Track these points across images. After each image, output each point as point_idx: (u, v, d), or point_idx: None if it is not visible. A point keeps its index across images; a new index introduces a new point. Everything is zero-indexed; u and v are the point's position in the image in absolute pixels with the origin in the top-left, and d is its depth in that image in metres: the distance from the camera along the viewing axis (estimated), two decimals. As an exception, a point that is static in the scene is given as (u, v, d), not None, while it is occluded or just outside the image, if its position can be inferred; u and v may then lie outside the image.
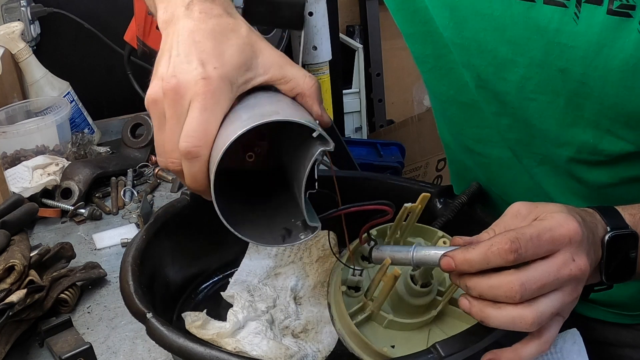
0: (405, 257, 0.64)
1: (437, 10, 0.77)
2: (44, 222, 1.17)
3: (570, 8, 0.66)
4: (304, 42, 1.70)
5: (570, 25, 0.67)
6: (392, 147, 2.16)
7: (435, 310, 0.69)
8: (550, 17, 0.68)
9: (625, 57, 0.65)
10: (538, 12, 0.68)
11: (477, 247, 0.58)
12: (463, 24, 0.75)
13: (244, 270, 0.86)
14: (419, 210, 0.73)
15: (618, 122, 0.70)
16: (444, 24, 0.77)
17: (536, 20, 0.69)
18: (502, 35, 0.72)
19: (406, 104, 2.59)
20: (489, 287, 0.58)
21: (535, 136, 0.78)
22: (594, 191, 0.79)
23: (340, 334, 0.69)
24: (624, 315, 0.89)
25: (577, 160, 0.76)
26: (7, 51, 1.45)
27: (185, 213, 0.84)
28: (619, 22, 0.64)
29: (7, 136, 1.31)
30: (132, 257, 0.74)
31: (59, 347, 0.80)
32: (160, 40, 0.64)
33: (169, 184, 1.29)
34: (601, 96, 0.69)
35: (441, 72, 0.82)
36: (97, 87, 1.74)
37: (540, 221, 0.59)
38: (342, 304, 0.70)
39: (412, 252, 0.63)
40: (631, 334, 0.90)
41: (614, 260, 0.63)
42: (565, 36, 0.68)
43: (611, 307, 0.89)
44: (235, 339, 0.72)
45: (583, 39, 0.66)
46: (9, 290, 0.82)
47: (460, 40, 0.76)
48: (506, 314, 0.57)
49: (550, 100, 0.73)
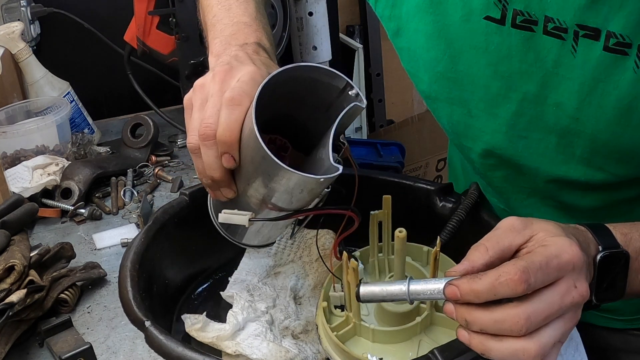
0: (399, 292, 0.60)
1: (432, 42, 0.76)
2: (44, 222, 1.17)
3: (568, 41, 0.66)
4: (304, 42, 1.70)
5: (568, 58, 0.67)
6: (392, 147, 2.15)
7: (420, 317, 0.68)
8: (549, 48, 0.68)
9: (620, 94, 0.65)
10: (537, 42, 0.68)
11: (484, 277, 0.55)
12: (457, 57, 0.75)
13: (243, 269, 0.86)
14: (387, 214, 0.73)
15: (611, 158, 0.70)
16: (438, 58, 0.77)
17: (535, 50, 0.69)
18: (495, 70, 0.72)
19: (406, 104, 2.58)
20: (493, 322, 0.55)
21: (524, 173, 0.78)
22: (585, 213, 0.79)
23: (327, 351, 0.70)
24: (615, 320, 0.89)
25: (567, 190, 0.76)
26: (7, 51, 1.45)
27: (184, 213, 0.84)
28: (615, 59, 0.64)
29: (7, 136, 1.31)
30: (130, 262, 0.74)
31: (59, 347, 0.80)
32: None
33: (169, 184, 1.29)
34: (594, 133, 0.69)
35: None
36: (97, 87, 1.74)
37: (545, 247, 0.57)
38: (323, 317, 0.70)
39: (407, 286, 0.59)
40: (623, 338, 0.90)
41: (605, 281, 0.62)
42: (563, 68, 0.68)
43: (603, 312, 0.89)
44: (235, 341, 0.72)
45: (580, 72, 0.67)
46: (9, 290, 0.82)
47: (453, 75, 0.76)
48: (509, 347, 0.55)
49: (541, 138, 0.73)
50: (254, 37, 0.76)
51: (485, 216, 0.80)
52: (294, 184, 0.62)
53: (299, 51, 1.69)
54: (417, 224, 0.75)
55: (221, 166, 0.65)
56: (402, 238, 0.67)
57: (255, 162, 0.63)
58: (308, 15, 1.66)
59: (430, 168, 2.37)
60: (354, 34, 2.36)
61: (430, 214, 0.84)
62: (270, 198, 0.65)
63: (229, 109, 0.63)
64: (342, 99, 0.67)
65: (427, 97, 0.83)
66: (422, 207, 0.85)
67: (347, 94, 0.66)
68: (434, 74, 0.79)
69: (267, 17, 0.84)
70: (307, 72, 0.65)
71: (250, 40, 0.75)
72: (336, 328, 0.70)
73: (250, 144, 0.63)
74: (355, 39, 2.32)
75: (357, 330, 0.70)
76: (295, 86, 0.66)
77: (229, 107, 0.63)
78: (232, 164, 0.64)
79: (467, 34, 0.73)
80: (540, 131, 0.73)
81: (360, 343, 0.70)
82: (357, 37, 2.35)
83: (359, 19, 2.38)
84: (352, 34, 2.36)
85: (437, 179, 2.39)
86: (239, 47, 0.73)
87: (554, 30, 0.67)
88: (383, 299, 0.62)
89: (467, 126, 0.79)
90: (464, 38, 0.73)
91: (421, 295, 0.59)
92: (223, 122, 0.63)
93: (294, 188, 0.63)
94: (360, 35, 2.37)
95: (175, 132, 1.49)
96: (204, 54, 1.40)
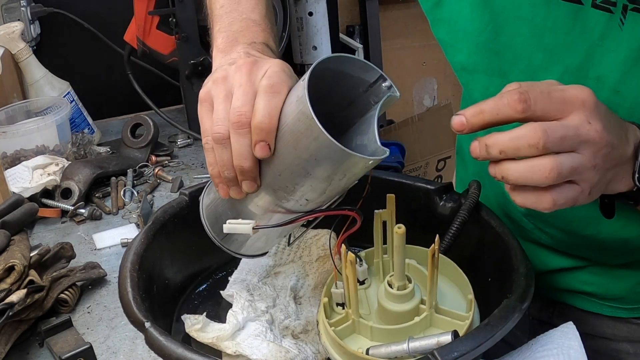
0: (401, 349, 0.64)
1: (477, 13, 0.77)
2: (44, 222, 1.17)
3: (617, 14, 0.67)
4: (304, 42, 1.70)
5: (615, 31, 0.67)
6: (392, 147, 2.15)
7: (419, 317, 0.68)
8: (597, 20, 0.68)
9: None
10: (585, 15, 0.69)
11: (487, 100, 0.58)
12: (501, 28, 0.75)
13: (243, 269, 0.86)
14: (392, 213, 0.73)
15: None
16: (481, 28, 0.77)
17: (583, 23, 0.69)
18: (539, 42, 0.73)
19: (406, 104, 2.58)
20: (510, 139, 0.57)
21: None
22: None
23: (324, 346, 0.70)
24: (620, 309, 0.89)
25: None
26: (7, 51, 1.46)
27: (184, 213, 0.84)
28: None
29: (7, 136, 1.31)
30: (130, 262, 0.74)
31: (59, 347, 0.80)
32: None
33: (169, 184, 1.29)
34: (633, 106, 0.69)
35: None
36: (97, 87, 1.74)
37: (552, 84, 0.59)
38: (323, 313, 0.70)
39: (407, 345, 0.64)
40: (627, 327, 0.90)
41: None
42: (609, 40, 0.68)
43: (607, 301, 0.89)
44: (235, 341, 0.72)
45: (626, 45, 0.67)
46: (9, 290, 0.82)
47: (494, 46, 0.77)
48: (525, 163, 0.57)
49: None
50: (262, 37, 0.76)
51: (485, 216, 0.80)
52: (346, 165, 0.62)
53: (299, 51, 1.69)
54: (417, 223, 0.75)
55: (253, 155, 0.64)
56: (401, 234, 0.66)
57: (300, 148, 0.62)
58: (308, 15, 1.66)
59: (430, 168, 2.37)
60: (354, 34, 2.36)
61: (430, 214, 0.84)
62: (302, 187, 0.64)
63: (268, 95, 0.63)
64: (369, 93, 0.66)
65: (463, 68, 0.83)
66: (422, 206, 0.85)
67: (379, 87, 0.66)
68: (475, 45, 0.79)
69: (273, 17, 0.84)
70: (340, 64, 0.65)
71: (258, 39, 0.75)
72: (335, 324, 0.70)
73: (297, 128, 0.61)
74: (355, 39, 2.32)
75: (356, 327, 0.70)
76: (320, 82, 0.64)
77: (269, 94, 0.63)
78: (266, 152, 0.63)
79: (514, 4, 0.73)
80: None
81: (358, 341, 0.70)
82: (357, 37, 2.35)
83: (359, 19, 2.38)
84: (352, 34, 2.36)
85: (437, 178, 2.39)
86: (247, 45, 0.73)
87: (602, 4, 0.67)
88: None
89: None
90: (510, 8, 0.74)
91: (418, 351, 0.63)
92: (262, 108, 0.62)
93: (340, 171, 0.62)
94: (360, 35, 2.37)
95: (175, 132, 1.49)
96: (204, 54, 1.41)
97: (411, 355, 0.64)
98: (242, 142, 0.64)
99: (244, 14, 0.78)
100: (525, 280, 0.68)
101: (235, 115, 0.63)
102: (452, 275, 0.76)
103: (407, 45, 2.51)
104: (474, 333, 0.61)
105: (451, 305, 0.71)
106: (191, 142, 1.46)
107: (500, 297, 0.66)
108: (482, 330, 0.61)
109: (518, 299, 0.65)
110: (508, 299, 0.65)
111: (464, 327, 0.67)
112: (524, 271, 0.69)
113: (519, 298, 0.65)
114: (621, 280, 0.87)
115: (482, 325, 0.62)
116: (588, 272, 0.88)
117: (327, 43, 1.75)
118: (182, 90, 1.49)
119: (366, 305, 0.73)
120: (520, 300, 0.64)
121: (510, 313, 0.63)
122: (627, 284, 0.86)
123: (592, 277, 0.88)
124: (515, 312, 0.63)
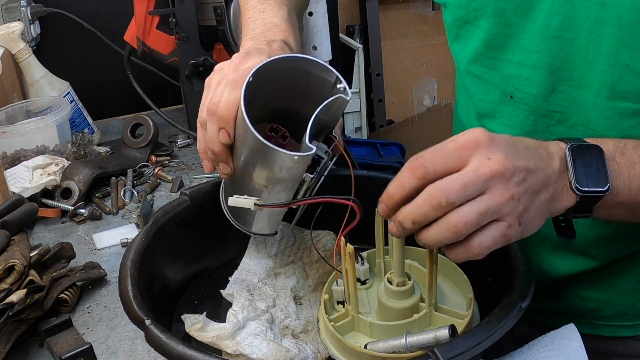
0: (399, 344, 0.65)
1: None
2: (44, 222, 1.17)
3: None
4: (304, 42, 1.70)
5: None
6: (392, 147, 2.16)
7: (418, 315, 0.68)
8: None
9: None
10: None
11: (391, 182, 0.60)
12: None
13: (244, 269, 0.86)
14: None
15: (637, 49, 0.69)
16: None
17: None
18: None
19: (406, 104, 2.59)
20: (416, 208, 0.58)
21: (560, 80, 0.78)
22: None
23: (324, 342, 0.70)
24: (621, 327, 0.89)
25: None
26: (7, 51, 1.45)
27: (185, 213, 0.84)
28: None
29: (7, 136, 1.31)
30: (130, 261, 0.74)
31: (59, 347, 0.80)
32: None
33: (169, 184, 1.29)
34: (619, 16, 0.68)
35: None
36: (97, 87, 1.74)
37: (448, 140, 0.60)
38: (323, 310, 0.71)
39: (405, 339, 0.64)
40: (625, 342, 0.89)
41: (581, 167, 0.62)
42: None
43: (608, 319, 0.88)
44: (235, 340, 0.72)
45: None
46: (9, 290, 0.82)
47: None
48: (435, 226, 0.58)
49: (573, 37, 0.73)
50: (281, 36, 0.83)
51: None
52: (270, 159, 0.68)
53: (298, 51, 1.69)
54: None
55: (219, 141, 0.72)
56: None
57: (242, 138, 0.70)
58: (308, 15, 1.65)
59: (430, 168, 2.37)
60: (354, 34, 2.36)
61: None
62: (255, 175, 0.71)
63: (229, 88, 0.72)
64: (334, 94, 0.71)
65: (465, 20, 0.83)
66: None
67: (337, 88, 0.72)
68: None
69: (297, 21, 0.92)
70: (302, 64, 0.72)
71: (277, 37, 0.82)
72: (334, 319, 0.70)
73: (239, 120, 0.70)
74: (355, 39, 2.32)
75: (355, 323, 0.70)
76: (294, 79, 0.72)
77: (231, 87, 0.72)
78: (226, 138, 0.72)
79: None
80: (572, 30, 0.73)
81: (358, 337, 0.70)
82: (357, 37, 2.36)
83: (359, 19, 2.39)
84: (352, 34, 2.36)
85: (437, 178, 2.39)
86: (266, 42, 0.80)
87: None
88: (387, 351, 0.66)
89: (505, 36, 0.80)
90: None
91: (415, 345, 0.64)
92: (223, 100, 0.72)
93: (272, 164, 0.68)
94: (360, 35, 2.37)
95: (175, 132, 1.49)
96: (204, 54, 1.41)
97: (409, 349, 0.64)
98: (212, 128, 0.73)
99: (266, 20, 0.87)
100: (525, 279, 0.68)
101: (210, 104, 0.73)
102: (452, 275, 0.76)
103: (407, 45, 2.51)
104: (474, 331, 0.61)
105: (451, 304, 0.72)
106: (191, 142, 1.46)
107: (500, 297, 0.66)
108: (482, 328, 0.61)
109: (518, 297, 0.65)
110: (508, 297, 0.65)
111: (462, 325, 0.67)
112: (524, 271, 0.69)
113: (520, 296, 0.65)
114: (623, 295, 0.86)
115: (482, 323, 0.62)
116: (589, 287, 0.87)
117: (327, 43, 1.74)
118: (182, 90, 1.49)
119: (367, 305, 0.73)
120: (520, 299, 0.65)
121: (511, 311, 0.63)
122: (629, 299, 0.85)
123: (593, 292, 0.87)
124: (516, 310, 0.63)
